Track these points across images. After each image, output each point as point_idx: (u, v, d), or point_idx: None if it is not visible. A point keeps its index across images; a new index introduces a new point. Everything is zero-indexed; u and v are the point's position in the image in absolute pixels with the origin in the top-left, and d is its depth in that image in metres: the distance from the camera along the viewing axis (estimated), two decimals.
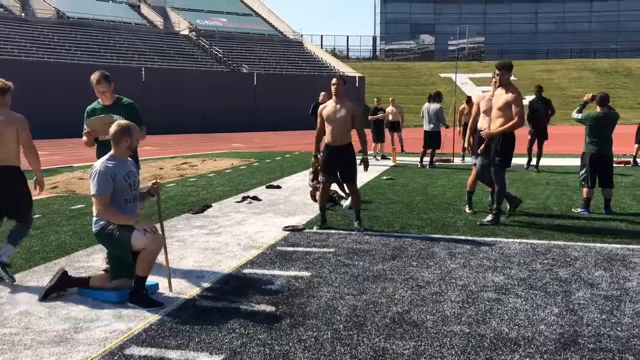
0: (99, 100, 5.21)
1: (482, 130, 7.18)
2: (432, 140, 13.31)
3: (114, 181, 4.15)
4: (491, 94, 7.34)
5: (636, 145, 13.66)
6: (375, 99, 17.16)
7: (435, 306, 4.05)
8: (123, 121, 4.38)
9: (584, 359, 3.20)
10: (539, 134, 12.58)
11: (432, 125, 13.34)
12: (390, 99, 17.41)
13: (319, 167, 6.90)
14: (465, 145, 7.77)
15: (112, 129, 4.27)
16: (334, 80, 6.58)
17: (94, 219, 4.23)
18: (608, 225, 6.79)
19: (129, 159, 4.45)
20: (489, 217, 6.88)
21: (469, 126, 7.66)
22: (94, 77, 5.11)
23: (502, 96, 6.80)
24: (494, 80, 7.38)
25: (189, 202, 8.67)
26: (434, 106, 13.44)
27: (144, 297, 4.09)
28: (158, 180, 4.58)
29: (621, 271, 4.89)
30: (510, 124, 6.69)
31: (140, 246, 4.05)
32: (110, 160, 4.24)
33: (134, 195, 4.35)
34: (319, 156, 6.86)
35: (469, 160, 11.96)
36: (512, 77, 7.36)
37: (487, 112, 7.27)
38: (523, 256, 5.39)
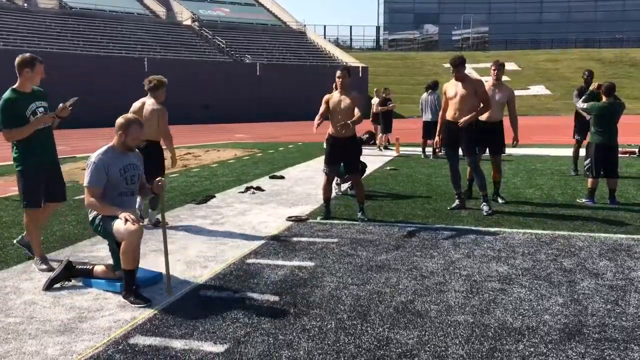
0: (17, 88, 4.72)
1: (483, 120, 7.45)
2: (432, 130, 13.21)
3: (107, 174, 4.13)
4: (491, 84, 7.65)
5: None
6: (384, 88, 16.72)
7: (439, 296, 4.04)
8: (129, 115, 4.34)
9: (588, 349, 3.19)
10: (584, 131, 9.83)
11: (431, 116, 13.31)
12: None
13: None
14: (436, 139, 7.31)
15: (118, 119, 4.26)
16: (338, 73, 6.53)
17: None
18: (613, 216, 6.76)
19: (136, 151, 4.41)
20: (485, 208, 6.90)
21: (439, 116, 7.40)
22: (33, 59, 4.67)
23: (460, 88, 6.95)
24: (493, 68, 7.69)
25: (192, 192, 8.67)
26: (432, 96, 13.46)
27: (132, 292, 3.98)
28: (162, 178, 4.50)
29: (626, 261, 4.88)
30: (479, 109, 6.91)
31: (120, 237, 3.99)
32: (107, 152, 4.21)
33: (131, 189, 4.31)
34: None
35: None
36: (516, 67, 7.44)
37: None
38: (527, 246, 5.38)
